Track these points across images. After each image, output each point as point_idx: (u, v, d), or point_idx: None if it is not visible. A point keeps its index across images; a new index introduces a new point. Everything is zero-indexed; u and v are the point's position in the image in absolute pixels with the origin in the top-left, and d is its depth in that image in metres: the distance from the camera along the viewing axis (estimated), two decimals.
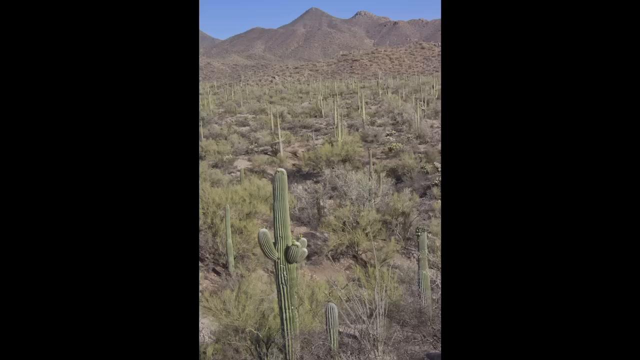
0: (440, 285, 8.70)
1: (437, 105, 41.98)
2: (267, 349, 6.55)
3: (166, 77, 3.09)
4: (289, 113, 47.04)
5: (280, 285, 6.12)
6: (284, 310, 6.10)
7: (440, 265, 10.19)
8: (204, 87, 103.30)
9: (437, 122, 35.63)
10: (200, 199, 12.98)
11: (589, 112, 2.76)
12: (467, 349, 2.80)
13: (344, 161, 24.55)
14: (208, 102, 57.34)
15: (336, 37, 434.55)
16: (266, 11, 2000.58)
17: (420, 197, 18.52)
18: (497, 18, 2.94)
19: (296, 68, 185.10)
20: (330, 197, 17.56)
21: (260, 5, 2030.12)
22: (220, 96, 79.83)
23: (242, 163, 28.57)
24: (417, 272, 8.65)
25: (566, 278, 2.71)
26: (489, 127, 2.90)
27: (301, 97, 69.34)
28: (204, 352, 6.68)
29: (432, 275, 9.36)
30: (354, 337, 6.38)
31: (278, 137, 30.49)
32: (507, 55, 2.91)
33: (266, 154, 30.82)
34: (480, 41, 2.95)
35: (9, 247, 2.71)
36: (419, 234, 8.41)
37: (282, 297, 6.10)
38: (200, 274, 11.18)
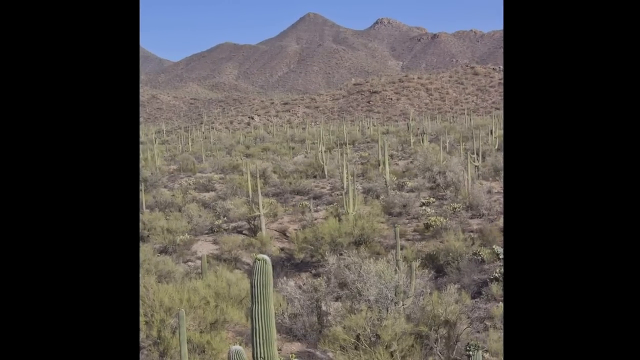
0: None
1: (498, 159, 42.75)
2: None
3: (90, 118, 2.93)
4: (274, 171, 47.88)
5: None
6: None
7: None
8: (147, 132, 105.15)
9: (498, 186, 36.22)
10: (141, 301, 13.21)
11: None
12: None
13: (357, 244, 24.88)
14: (153, 155, 58.39)
15: (346, 57, 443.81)
16: (240, 19, 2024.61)
17: (473, 297, 18.76)
18: (584, 27, 2.72)
19: (286, 104, 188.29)
20: (337, 298, 17.76)
21: (232, 11, 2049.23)
22: (172, 146, 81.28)
23: (204, 247, 28.87)
24: None
25: None
26: (571, 192, 2.74)
27: (293, 148, 70.64)
28: None
29: None
30: None
31: (258, 208, 30.95)
32: (600, 84, 2.74)
33: (241, 232, 31.21)
34: (562, 62, 2.74)
35: None
36: (472, 353, 8.69)
37: None
38: None
